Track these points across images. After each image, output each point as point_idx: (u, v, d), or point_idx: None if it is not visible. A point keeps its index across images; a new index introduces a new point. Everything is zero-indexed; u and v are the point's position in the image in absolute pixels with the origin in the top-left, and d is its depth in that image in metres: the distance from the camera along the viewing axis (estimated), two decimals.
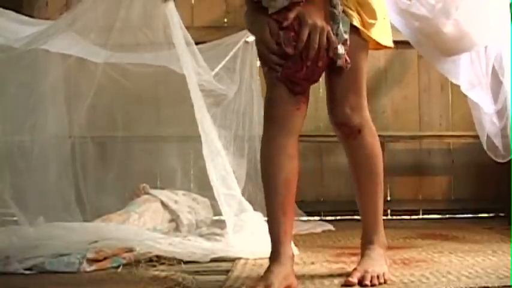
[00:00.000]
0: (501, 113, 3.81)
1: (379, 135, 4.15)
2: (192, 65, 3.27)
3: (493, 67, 3.79)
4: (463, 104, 4.31)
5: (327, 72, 2.27)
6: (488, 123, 3.82)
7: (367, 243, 2.41)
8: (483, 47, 3.74)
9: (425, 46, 3.81)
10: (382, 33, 2.34)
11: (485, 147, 3.84)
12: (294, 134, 2.27)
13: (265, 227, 3.11)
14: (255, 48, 4.25)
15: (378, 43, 2.34)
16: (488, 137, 3.83)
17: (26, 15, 3.78)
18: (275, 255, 2.19)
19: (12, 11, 3.49)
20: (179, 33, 3.21)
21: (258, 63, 4.54)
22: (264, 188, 2.26)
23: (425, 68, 4.74)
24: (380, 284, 2.24)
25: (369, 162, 2.40)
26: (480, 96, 3.80)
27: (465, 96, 3.89)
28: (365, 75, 2.34)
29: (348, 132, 2.36)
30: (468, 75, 3.79)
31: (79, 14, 3.44)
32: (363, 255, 2.39)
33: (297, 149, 2.28)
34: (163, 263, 2.75)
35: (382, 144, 4.29)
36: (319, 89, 4.80)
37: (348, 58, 2.22)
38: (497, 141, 3.81)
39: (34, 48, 3.47)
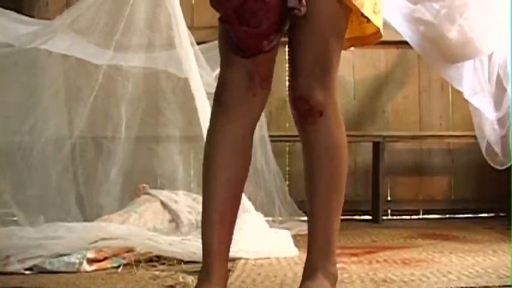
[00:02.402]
0: (503, 121, 3.81)
1: (379, 135, 4.16)
2: (195, 66, 3.27)
3: (498, 74, 3.79)
4: (463, 104, 4.32)
5: (290, 36, 1.89)
6: (489, 130, 3.82)
7: (309, 270, 1.88)
8: (487, 54, 3.73)
9: (429, 52, 3.81)
10: (369, 9, 1.90)
11: (484, 153, 3.85)
12: (245, 125, 1.88)
13: (266, 227, 3.14)
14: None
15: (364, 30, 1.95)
16: (487, 142, 3.84)
17: (27, 15, 3.78)
18: (204, 273, 1.82)
19: (12, 11, 3.50)
20: (184, 32, 3.21)
21: None
22: (202, 188, 1.87)
23: (425, 68, 4.74)
24: None
25: (327, 158, 1.87)
26: (482, 103, 3.81)
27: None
28: (339, 52, 1.89)
29: (306, 111, 1.85)
30: (471, 81, 3.79)
31: (79, 14, 3.44)
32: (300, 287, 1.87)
33: (249, 144, 1.91)
34: (163, 263, 2.75)
35: (383, 144, 4.38)
36: None
37: (304, 1, 1.77)
38: (497, 148, 3.82)
39: (35, 48, 3.47)
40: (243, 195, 3.13)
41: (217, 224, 1.82)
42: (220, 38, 1.90)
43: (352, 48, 2.07)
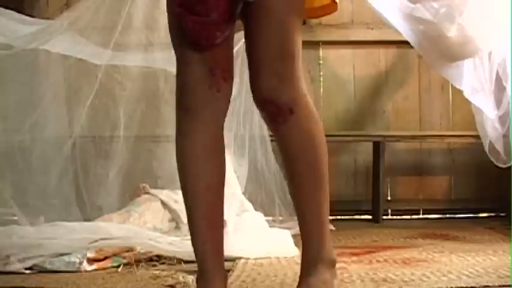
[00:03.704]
0: (503, 119, 3.82)
1: (379, 135, 4.16)
2: None
3: (497, 73, 3.80)
4: (463, 104, 4.32)
5: (245, 27, 1.80)
6: (490, 128, 3.83)
7: (308, 263, 1.81)
8: (487, 52, 3.74)
9: (429, 51, 3.81)
10: None
11: (487, 152, 3.85)
12: (216, 123, 1.80)
13: (266, 226, 3.14)
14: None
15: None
16: (490, 141, 3.84)
17: (27, 15, 3.78)
18: (204, 275, 1.79)
19: (13, 11, 3.49)
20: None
21: None
22: (183, 196, 1.82)
23: (425, 68, 4.74)
24: None
25: (306, 153, 1.80)
26: (482, 102, 3.81)
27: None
28: (299, 38, 1.81)
29: (275, 113, 1.74)
30: (471, 80, 3.79)
31: (79, 14, 3.44)
32: (300, 283, 1.82)
33: (221, 143, 1.83)
34: (163, 263, 2.75)
35: (383, 144, 4.37)
36: (319, 88, 4.81)
37: None
38: (499, 146, 3.82)
39: (34, 49, 3.47)
40: (243, 196, 3.16)
41: (206, 230, 1.78)
42: (173, 38, 1.81)
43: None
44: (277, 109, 1.74)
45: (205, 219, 1.78)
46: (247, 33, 1.79)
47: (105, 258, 2.72)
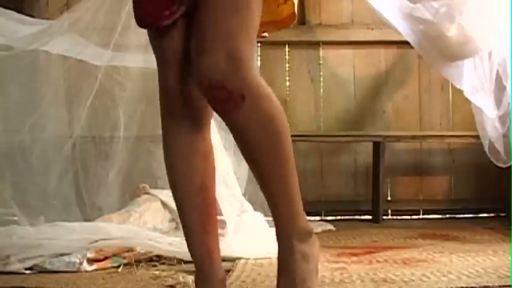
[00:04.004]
0: (503, 118, 3.82)
1: (379, 135, 4.15)
2: None
3: (497, 72, 3.80)
4: (463, 104, 4.32)
5: (193, 12, 1.63)
6: (491, 128, 3.83)
7: (282, 241, 1.66)
8: (487, 52, 3.74)
9: (429, 51, 3.81)
10: None
11: (487, 152, 3.85)
12: (203, 123, 1.72)
13: (266, 227, 3.13)
14: (255, 47, 4.29)
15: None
16: (490, 141, 3.84)
17: (27, 15, 3.78)
18: (202, 276, 1.76)
19: (13, 11, 3.49)
20: None
21: (259, 63, 4.56)
22: (175, 201, 1.76)
23: (426, 68, 4.74)
24: None
25: (268, 142, 1.58)
26: (483, 101, 3.81)
27: (466, 97, 3.90)
28: (253, 16, 1.58)
29: (225, 99, 1.54)
30: (471, 80, 3.79)
31: (79, 15, 3.44)
32: (280, 270, 1.66)
33: (210, 140, 1.76)
34: (163, 263, 2.75)
35: (383, 144, 4.38)
36: (319, 89, 4.81)
37: None
38: (499, 146, 3.82)
39: (34, 49, 3.47)
40: (242, 197, 3.15)
41: (201, 235, 1.74)
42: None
43: (266, 34, 1.80)
44: (228, 95, 1.52)
45: (199, 223, 1.73)
46: (194, 15, 1.61)
47: (105, 258, 2.72)
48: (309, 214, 4.72)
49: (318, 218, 4.52)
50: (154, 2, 1.61)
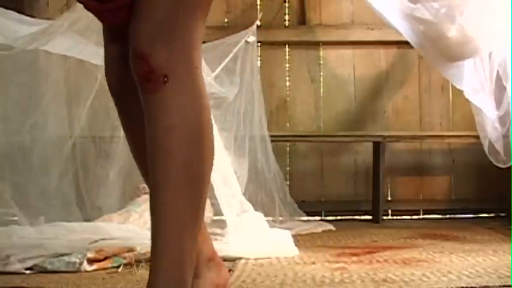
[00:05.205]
0: (503, 119, 3.82)
1: (379, 136, 4.13)
2: None
3: (497, 73, 3.80)
4: (463, 104, 4.32)
5: None
6: (490, 128, 3.83)
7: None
8: (487, 52, 3.74)
9: (430, 51, 3.81)
10: None
11: (486, 152, 3.85)
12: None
13: (266, 227, 3.14)
14: (255, 48, 4.29)
15: None
16: (489, 141, 3.84)
17: (27, 15, 3.78)
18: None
19: (13, 11, 3.49)
20: None
21: (259, 63, 4.56)
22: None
23: (426, 68, 4.74)
24: None
25: (176, 142, 1.34)
26: (483, 102, 3.81)
27: (466, 97, 3.90)
28: (197, 9, 1.41)
29: (145, 75, 1.35)
30: (471, 80, 3.80)
31: (79, 15, 3.44)
32: None
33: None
34: None
35: (383, 144, 4.38)
36: (319, 89, 4.82)
37: None
38: (499, 147, 3.82)
39: (34, 49, 3.47)
40: (243, 197, 3.15)
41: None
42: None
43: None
44: (149, 70, 1.34)
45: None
46: None
47: (105, 258, 2.71)
48: (309, 214, 4.75)
49: (318, 218, 4.51)
50: (105, 12, 1.49)
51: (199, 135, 1.36)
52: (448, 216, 4.67)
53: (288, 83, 4.78)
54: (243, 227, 3.05)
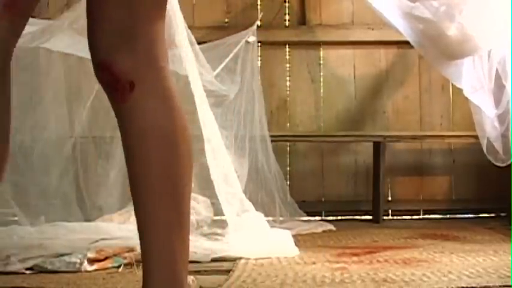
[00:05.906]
0: (502, 117, 3.82)
1: (380, 136, 4.13)
2: (195, 65, 3.27)
3: (496, 71, 3.80)
4: (463, 104, 4.32)
5: None
6: (489, 127, 3.83)
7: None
8: (487, 50, 3.74)
9: (429, 49, 3.82)
10: None
11: (485, 151, 3.85)
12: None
13: (266, 227, 3.14)
14: (256, 48, 4.30)
15: None
16: (488, 140, 3.84)
17: None
18: None
19: None
20: (183, 32, 3.21)
21: (259, 63, 4.56)
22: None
23: (426, 68, 4.74)
24: None
25: (150, 148, 1.30)
26: (482, 100, 3.81)
27: (466, 96, 3.90)
28: (154, 10, 1.33)
29: (111, 85, 1.31)
30: (471, 79, 3.80)
31: (79, 14, 3.44)
32: None
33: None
34: None
35: (383, 144, 4.38)
36: (319, 89, 4.81)
37: None
38: (498, 145, 3.82)
39: (35, 48, 3.47)
40: (243, 196, 3.15)
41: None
42: None
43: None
44: (113, 79, 1.29)
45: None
46: None
47: (106, 258, 2.71)
48: (309, 214, 4.74)
49: (318, 218, 4.51)
50: None
51: (173, 138, 1.32)
52: (448, 216, 4.66)
53: (288, 83, 4.78)
54: (243, 227, 3.05)
